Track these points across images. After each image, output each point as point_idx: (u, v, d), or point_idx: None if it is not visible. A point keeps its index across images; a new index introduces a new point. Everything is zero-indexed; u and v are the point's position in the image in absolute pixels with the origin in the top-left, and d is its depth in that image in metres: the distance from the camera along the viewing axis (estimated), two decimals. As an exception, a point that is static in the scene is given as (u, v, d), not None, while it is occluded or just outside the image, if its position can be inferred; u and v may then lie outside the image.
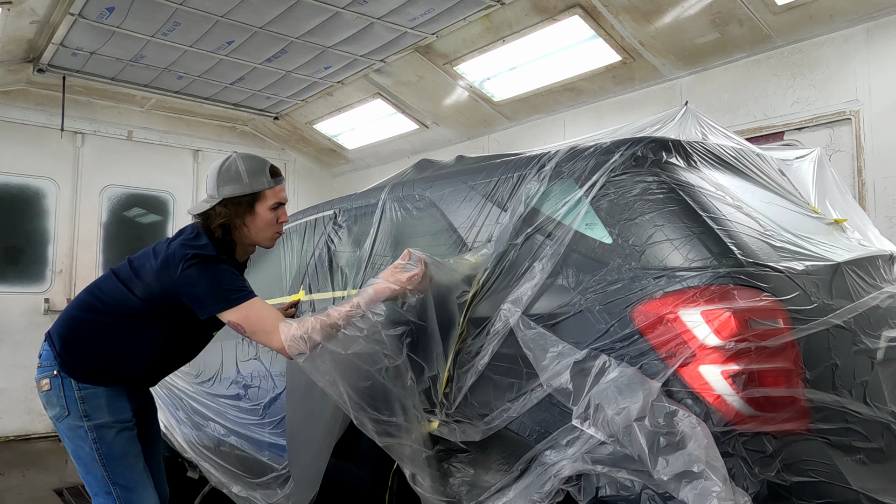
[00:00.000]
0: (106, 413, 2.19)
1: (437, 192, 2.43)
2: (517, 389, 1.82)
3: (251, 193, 2.21)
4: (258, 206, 2.22)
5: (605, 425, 1.56)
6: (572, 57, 4.93)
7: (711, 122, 2.71)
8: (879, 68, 3.84)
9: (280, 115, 7.25)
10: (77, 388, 2.18)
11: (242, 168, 2.21)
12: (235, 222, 2.21)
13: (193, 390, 3.56)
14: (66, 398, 2.17)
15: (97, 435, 2.16)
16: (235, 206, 2.20)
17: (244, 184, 2.20)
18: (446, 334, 2.02)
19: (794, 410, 1.55)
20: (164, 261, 2.14)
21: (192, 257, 2.09)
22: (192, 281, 2.08)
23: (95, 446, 2.16)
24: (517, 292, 1.89)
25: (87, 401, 2.18)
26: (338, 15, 4.74)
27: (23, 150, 6.34)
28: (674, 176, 1.87)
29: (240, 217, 2.21)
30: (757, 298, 1.59)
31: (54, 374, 2.19)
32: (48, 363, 2.23)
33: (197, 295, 2.09)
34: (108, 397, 2.20)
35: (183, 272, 2.08)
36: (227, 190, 2.19)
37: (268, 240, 2.31)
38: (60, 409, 2.18)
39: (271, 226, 2.27)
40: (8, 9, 4.63)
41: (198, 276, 2.08)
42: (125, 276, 2.23)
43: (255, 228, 2.25)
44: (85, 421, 2.17)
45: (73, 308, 2.28)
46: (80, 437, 2.17)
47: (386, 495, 2.25)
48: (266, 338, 2.04)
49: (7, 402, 6.09)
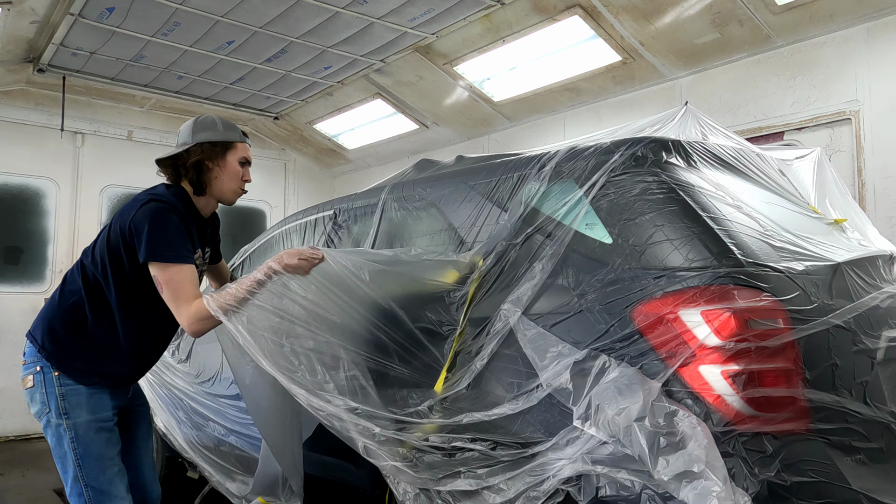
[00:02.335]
0: (85, 411, 2.18)
1: (437, 192, 2.43)
2: (517, 389, 1.82)
3: (224, 141, 2.31)
4: (229, 155, 2.32)
5: (605, 425, 1.56)
6: (572, 57, 4.93)
7: (711, 122, 2.71)
8: (879, 68, 3.84)
9: (280, 115, 7.25)
10: (58, 384, 2.18)
11: (219, 120, 2.35)
12: (208, 164, 2.29)
13: (193, 390, 3.56)
14: (47, 395, 2.18)
15: (75, 433, 2.16)
16: (210, 149, 2.29)
17: (218, 132, 2.32)
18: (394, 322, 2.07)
19: (794, 410, 1.55)
20: (124, 207, 2.24)
21: (147, 201, 2.17)
22: (140, 221, 2.12)
23: (73, 445, 2.16)
24: (517, 292, 1.89)
25: (67, 398, 2.18)
26: (338, 15, 4.74)
27: (23, 150, 6.33)
28: (674, 176, 1.87)
29: (212, 160, 2.30)
30: (757, 298, 1.59)
31: (37, 370, 2.21)
32: (32, 359, 2.25)
33: (139, 236, 2.12)
34: (88, 395, 2.20)
35: (137, 212, 2.14)
36: (202, 136, 2.30)
37: (232, 192, 2.37)
38: (42, 405, 2.19)
39: (237, 178, 2.35)
40: (8, 9, 4.63)
41: (146, 218, 2.12)
42: (87, 252, 2.30)
43: (224, 176, 2.33)
44: (64, 418, 2.16)
45: (50, 300, 2.33)
46: (58, 435, 2.17)
47: (386, 495, 2.25)
48: (177, 307, 2.09)
49: (7, 402, 6.09)
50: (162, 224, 2.13)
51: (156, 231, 2.11)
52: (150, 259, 2.10)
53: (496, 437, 1.81)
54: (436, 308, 2.10)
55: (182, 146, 2.30)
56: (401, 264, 2.17)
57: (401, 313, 2.09)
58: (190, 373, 3.63)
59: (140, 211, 2.15)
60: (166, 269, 2.10)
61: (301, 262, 2.03)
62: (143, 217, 2.13)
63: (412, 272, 2.17)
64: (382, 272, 2.13)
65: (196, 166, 2.28)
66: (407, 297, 2.13)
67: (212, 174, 2.32)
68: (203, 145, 2.29)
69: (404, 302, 2.12)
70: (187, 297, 2.08)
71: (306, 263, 2.04)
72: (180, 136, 2.35)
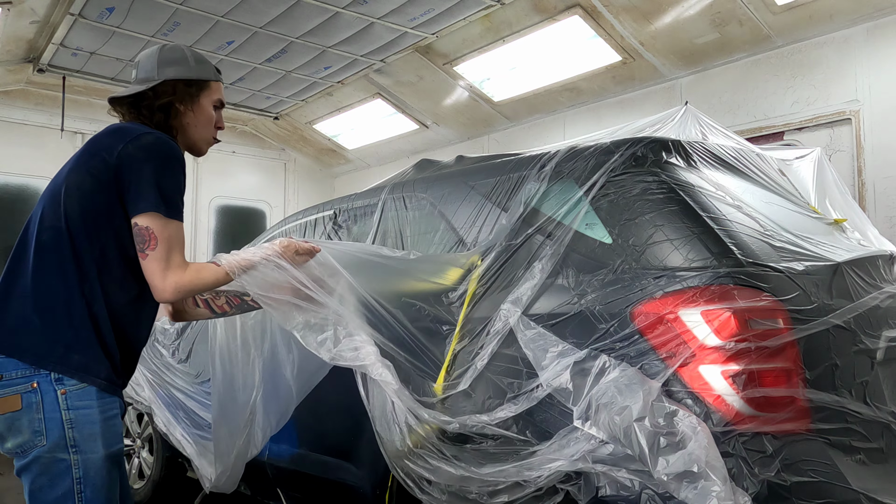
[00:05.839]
0: (100, 442, 1.66)
1: (437, 193, 2.43)
2: (517, 389, 1.82)
3: (198, 80, 1.89)
4: (203, 97, 1.90)
5: (605, 425, 1.56)
6: (572, 57, 4.93)
7: (711, 122, 2.71)
8: (879, 68, 3.84)
9: (280, 115, 7.25)
10: (65, 405, 1.63)
11: (189, 52, 1.91)
12: (179, 108, 1.86)
13: (193, 390, 3.56)
14: (45, 420, 1.61)
15: (84, 473, 1.64)
16: (182, 89, 1.86)
17: (190, 67, 1.88)
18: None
19: (794, 410, 1.55)
20: (116, 131, 1.75)
21: (145, 133, 1.73)
22: (143, 156, 1.68)
23: (78, 487, 1.63)
24: (517, 292, 1.89)
25: (78, 425, 1.63)
26: (338, 15, 4.74)
27: (23, 150, 6.34)
28: (674, 176, 1.87)
29: (184, 102, 1.87)
30: (757, 298, 1.59)
31: (31, 387, 1.62)
32: (18, 374, 1.63)
33: (140, 175, 1.66)
34: (103, 421, 1.68)
35: (141, 137, 1.71)
36: (171, 71, 1.85)
37: (205, 142, 1.96)
38: (32, 435, 1.61)
39: (211, 124, 1.95)
40: (8, 9, 4.63)
41: (152, 152, 1.69)
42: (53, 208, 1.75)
43: (197, 122, 1.91)
44: (71, 453, 1.63)
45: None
46: (55, 474, 1.62)
47: (386, 495, 2.25)
48: (164, 268, 1.66)
49: (7, 402, 6.09)
50: (176, 167, 1.72)
51: (164, 175, 1.69)
52: (148, 210, 1.66)
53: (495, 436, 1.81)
54: (435, 307, 2.10)
55: (145, 82, 1.84)
56: (399, 262, 2.17)
57: (397, 313, 2.09)
58: (190, 373, 3.63)
59: (141, 145, 1.69)
60: (165, 225, 1.67)
61: (298, 257, 1.96)
62: (150, 151, 1.69)
63: (410, 271, 2.17)
64: (378, 267, 2.13)
65: (164, 108, 1.84)
66: (405, 296, 2.13)
67: (184, 119, 1.88)
68: (175, 83, 1.85)
69: (402, 301, 2.12)
70: (181, 260, 1.70)
71: (301, 259, 1.97)
72: (140, 69, 1.87)
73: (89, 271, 1.69)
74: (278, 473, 2.73)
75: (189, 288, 1.71)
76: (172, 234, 1.68)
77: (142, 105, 1.84)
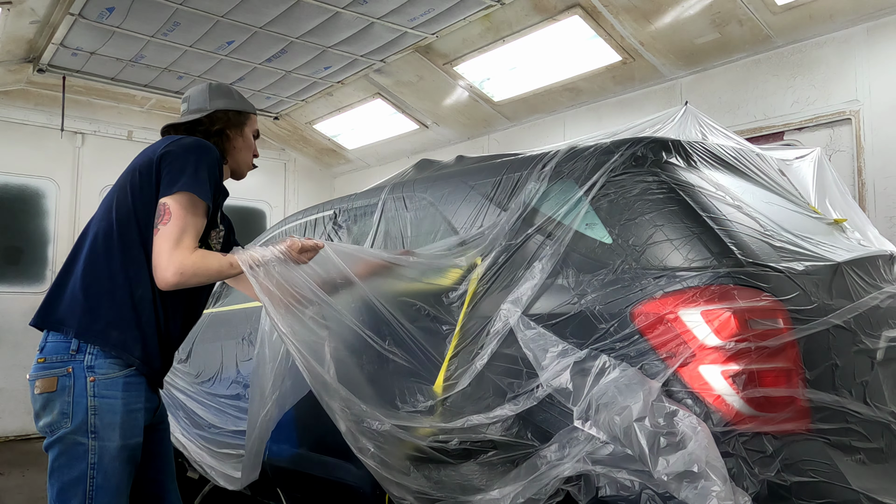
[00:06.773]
0: (118, 434, 1.80)
1: (437, 193, 2.43)
2: (517, 389, 1.82)
3: (242, 111, 2.19)
4: (246, 126, 2.20)
5: (605, 426, 1.56)
6: (572, 57, 4.93)
7: (711, 122, 2.71)
8: (879, 68, 3.84)
9: (280, 115, 7.25)
10: (92, 392, 1.78)
11: (234, 89, 2.22)
12: (229, 133, 2.14)
13: (194, 390, 3.56)
14: (73, 404, 1.77)
15: (98, 459, 1.78)
16: (234, 116, 2.15)
17: (236, 101, 2.19)
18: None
19: (794, 410, 1.55)
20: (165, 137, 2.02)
21: (194, 137, 2.00)
22: (182, 151, 1.89)
23: (91, 472, 1.77)
24: (517, 292, 1.89)
25: (101, 413, 1.79)
26: (338, 15, 4.74)
27: (23, 150, 6.34)
28: (674, 176, 1.87)
29: (233, 130, 2.15)
30: (757, 298, 1.59)
31: (66, 371, 1.78)
32: (57, 357, 1.80)
33: (174, 164, 1.86)
34: (125, 413, 1.82)
35: (183, 139, 1.95)
36: (221, 103, 2.14)
37: (246, 165, 2.24)
38: (60, 416, 1.78)
39: (251, 151, 2.24)
40: (8, 9, 4.63)
41: (191, 148, 1.91)
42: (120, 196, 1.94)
43: (242, 147, 2.19)
44: (90, 438, 1.77)
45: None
46: (73, 456, 1.77)
47: (386, 496, 2.25)
48: (172, 247, 1.77)
49: (7, 402, 6.10)
50: (212, 161, 1.93)
51: (203, 166, 1.88)
52: (182, 190, 1.82)
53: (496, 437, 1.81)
54: (434, 307, 2.10)
55: (198, 112, 2.12)
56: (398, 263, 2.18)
57: (397, 313, 2.09)
58: (190, 373, 3.63)
59: (181, 144, 1.92)
60: (189, 208, 1.82)
61: (303, 255, 2.02)
62: (186, 149, 1.90)
63: (410, 271, 2.18)
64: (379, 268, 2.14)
65: (217, 133, 2.10)
66: (404, 296, 2.14)
67: (234, 142, 2.16)
68: (227, 112, 2.14)
69: (401, 301, 2.12)
70: (190, 243, 1.80)
71: (307, 256, 2.03)
72: (192, 102, 2.17)
73: (137, 257, 1.86)
74: (278, 473, 2.73)
75: (192, 271, 1.80)
76: (189, 218, 1.82)
77: (197, 130, 2.08)
